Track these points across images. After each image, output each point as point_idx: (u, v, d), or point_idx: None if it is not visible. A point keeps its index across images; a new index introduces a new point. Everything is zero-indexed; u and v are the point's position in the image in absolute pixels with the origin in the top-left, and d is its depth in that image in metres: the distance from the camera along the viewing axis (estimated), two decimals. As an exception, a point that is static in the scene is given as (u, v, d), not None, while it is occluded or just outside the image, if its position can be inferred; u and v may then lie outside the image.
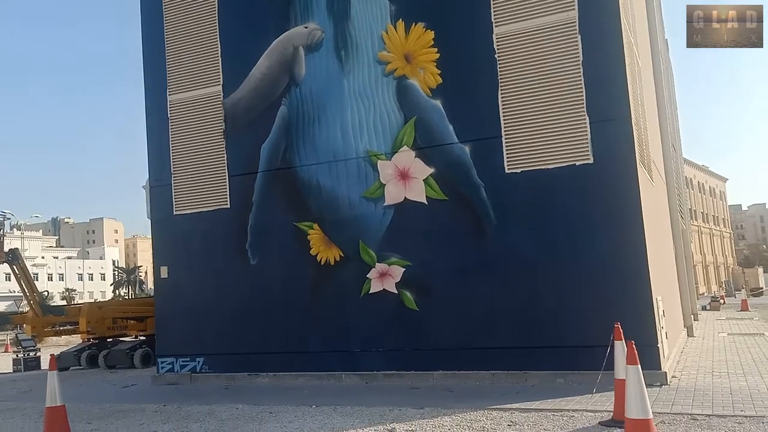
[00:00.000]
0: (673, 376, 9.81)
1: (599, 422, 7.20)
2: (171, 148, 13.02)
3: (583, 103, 9.96)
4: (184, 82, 12.98)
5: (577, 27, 10.06)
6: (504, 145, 10.41)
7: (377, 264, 11.13)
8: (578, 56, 10.01)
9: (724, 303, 31.06)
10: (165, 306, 12.99)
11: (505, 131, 10.42)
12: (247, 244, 12.17)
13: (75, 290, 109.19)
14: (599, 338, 9.55)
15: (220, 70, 12.66)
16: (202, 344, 12.46)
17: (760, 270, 67.54)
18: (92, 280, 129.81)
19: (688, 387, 9.10)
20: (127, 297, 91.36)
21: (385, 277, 11.07)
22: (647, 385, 9.02)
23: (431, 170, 10.86)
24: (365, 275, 11.20)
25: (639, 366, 6.02)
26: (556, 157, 10.10)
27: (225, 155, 12.52)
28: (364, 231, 11.27)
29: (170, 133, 13.04)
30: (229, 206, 12.42)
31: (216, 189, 12.57)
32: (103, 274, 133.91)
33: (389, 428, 7.57)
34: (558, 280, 10.00)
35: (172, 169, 12.98)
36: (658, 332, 9.51)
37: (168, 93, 13.08)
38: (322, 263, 11.56)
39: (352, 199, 11.41)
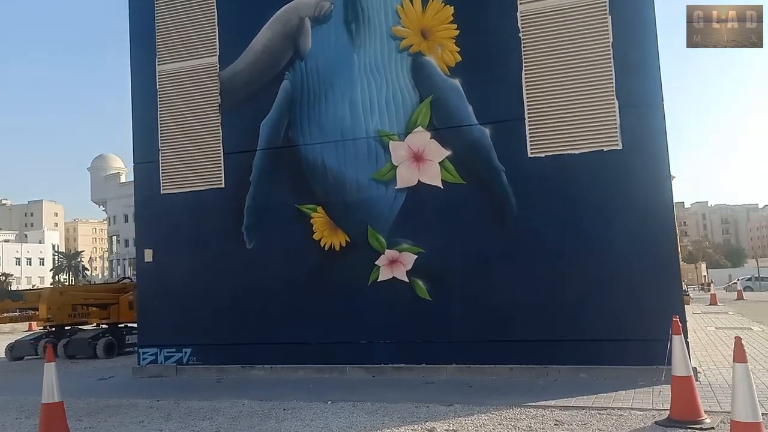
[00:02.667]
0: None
1: (655, 422, 6.75)
2: (159, 123, 12.06)
3: (612, 87, 9.52)
4: (176, 51, 12.04)
5: (607, 7, 9.60)
6: (527, 128, 9.90)
7: (387, 250, 10.50)
8: (608, 37, 9.57)
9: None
10: (149, 292, 12.06)
11: (528, 113, 9.91)
12: (243, 226, 11.37)
13: (12, 275, 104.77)
14: (625, 331, 9.27)
15: (217, 39, 11.77)
16: (189, 334, 11.61)
17: (704, 266, 69.73)
18: (30, 264, 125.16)
19: (720, 383, 8.76)
20: (87, 283, 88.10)
21: (396, 264, 10.45)
22: (677, 382, 8.84)
23: (448, 152, 10.27)
24: (373, 262, 10.57)
25: (748, 364, 5.52)
26: (582, 142, 9.65)
27: (220, 132, 11.66)
28: (372, 215, 10.62)
29: (158, 107, 12.09)
30: (223, 186, 11.58)
31: (209, 167, 11.70)
32: (42, 259, 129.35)
33: (428, 428, 6.98)
34: (582, 271, 9.56)
35: (159, 145, 12.04)
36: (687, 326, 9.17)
37: (157, 63, 12.11)
38: (327, 249, 10.86)
39: (361, 181, 10.73)
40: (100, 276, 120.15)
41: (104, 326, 18.59)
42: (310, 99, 11.11)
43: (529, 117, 9.90)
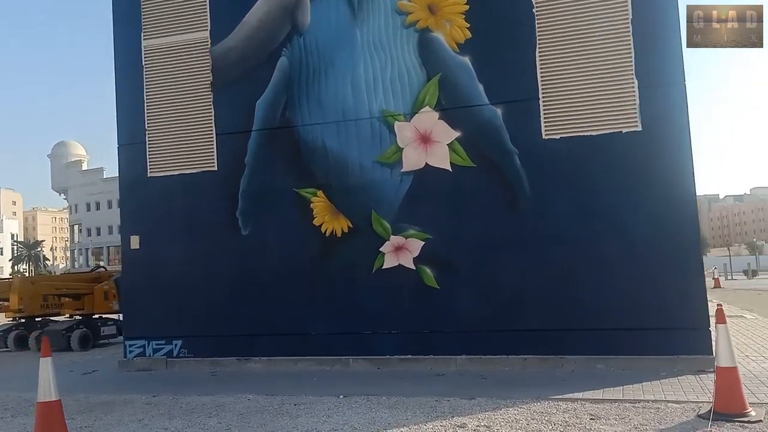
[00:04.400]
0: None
1: (698, 415, 6.41)
2: (146, 102, 11.35)
3: (631, 66, 9.15)
4: (163, 25, 11.32)
5: (626, -18, 9.21)
6: (541, 108, 9.48)
7: (392, 236, 10.01)
8: (627, 14, 9.18)
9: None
10: (135, 281, 11.38)
11: (542, 93, 9.48)
12: (238, 211, 10.76)
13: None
14: (644, 320, 8.95)
15: (208, 13, 11.09)
16: (180, 325, 10.98)
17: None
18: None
19: (744, 373, 8.47)
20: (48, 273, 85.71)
21: (401, 251, 9.97)
22: (698, 372, 8.56)
23: (457, 134, 9.80)
24: (378, 249, 10.07)
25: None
26: (599, 123, 9.27)
27: (212, 111, 11.00)
28: (377, 199, 10.11)
29: (145, 85, 11.36)
30: (216, 168, 10.94)
31: (201, 149, 11.04)
32: (1, 249, 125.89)
33: (458, 424, 6.53)
34: (598, 257, 9.21)
35: (146, 126, 11.32)
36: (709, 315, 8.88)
37: (143, 37, 11.38)
38: (327, 235, 10.32)
39: (364, 163, 10.20)
40: (61, 266, 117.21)
41: (78, 317, 17.78)
42: (309, 77, 10.52)
43: (543, 97, 9.48)
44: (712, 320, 7.52)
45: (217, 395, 8.50)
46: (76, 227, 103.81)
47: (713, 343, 6.57)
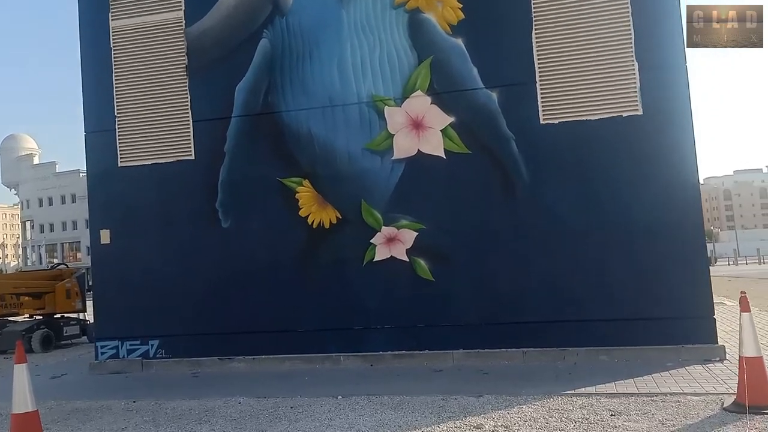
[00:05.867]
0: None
1: (723, 408, 6.13)
2: (115, 87, 10.63)
3: (631, 47, 8.85)
4: (133, 3, 10.61)
5: (625, -40, 8.89)
6: (539, 92, 9.13)
7: (383, 227, 9.55)
8: (627, -7, 8.87)
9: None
10: (106, 278, 10.69)
11: (539, 76, 9.13)
12: (218, 202, 10.16)
13: None
14: (647, 310, 8.70)
15: (182, -9, 10.43)
16: (156, 324, 10.34)
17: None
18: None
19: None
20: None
21: (394, 242, 9.52)
22: (705, 361, 8.34)
23: (451, 119, 9.38)
24: (369, 240, 9.60)
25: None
26: (599, 107, 8.96)
27: (188, 96, 10.35)
28: (367, 189, 9.63)
29: (113, 68, 10.64)
30: (193, 157, 10.31)
31: (176, 136, 10.40)
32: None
33: (474, 424, 6.13)
34: (600, 246, 8.91)
35: (116, 112, 10.61)
36: (714, 303, 8.66)
37: (110, 17, 10.64)
38: (315, 226, 9.81)
39: (353, 151, 9.71)
40: (12, 264, 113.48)
41: (38, 317, 16.88)
42: (292, 60, 9.96)
43: (540, 80, 9.12)
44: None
45: (203, 399, 7.95)
46: (28, 223, 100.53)
47: (740, 332, 6.27)
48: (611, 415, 6.17)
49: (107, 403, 8.14)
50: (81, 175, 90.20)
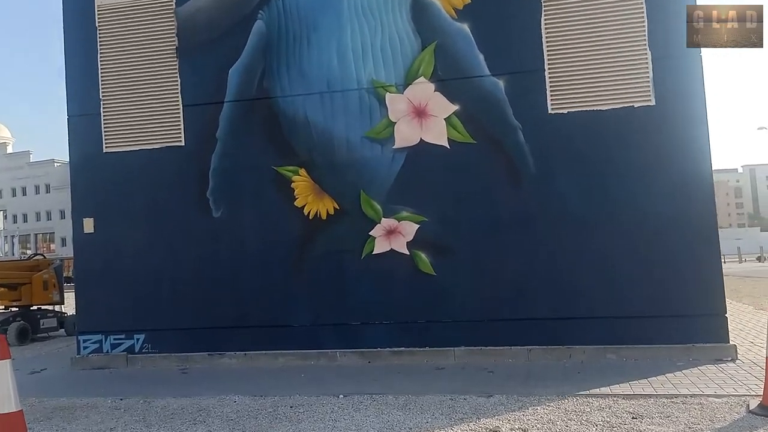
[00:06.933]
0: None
1: (749, 411, 5.85)
2: (100, 68, 10.10)
3: (644, 35, 8.55)
4: (121, -19, 10.08)
5: (638, -55, 8.58)
6: (547, 80, 8.79)
7: (383, 219, 9.17)
8: (640, -20, 8.56)
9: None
10: (90, 269, 10.17)
11: (548, 64, 8.79)
12: (209, 191, 9.69)
13: None
14: (657, 307, 8.44)
15: (173, -32, 9.93)
16: (142, 317, 9.87)
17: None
18: None
19: (756, 361, 8.02)
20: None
21: (394, 234, 9.14)
22: (716, 361, 8.08)
23: (455, 107, 9.01)
24: (367, 233, 9.21)
25: None
26: (610, 96, 8.64)
27: (178, 80, 9.86)
28: (366, 179, 9.24)
29: (99, 49, 10.12)
30: (183, 143, 9.83)
31: (165, 121, 9.90)
32: None
33: (490, 427, 5.78)
34: (608, 241, 8.61)
35: (101, 95, 10.08)
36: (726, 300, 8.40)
37: (96, -5, 10.12)
38: (311, 217, 9.39)
39: (352, 139, 9.30)
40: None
41: (14, 309, 16.27)
42: (289, 43, 9.52)
43: (549, 68, 8.78)
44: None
45: (195, 397, 7.51)
46: (1, 213, 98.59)
47: (767, 332, 6.00)
48: (633, 418, 5.86)
49: (92, 400, 7.67)
50: (56, 164, 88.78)
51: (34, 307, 16.04)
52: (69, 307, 17.30)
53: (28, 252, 74.71)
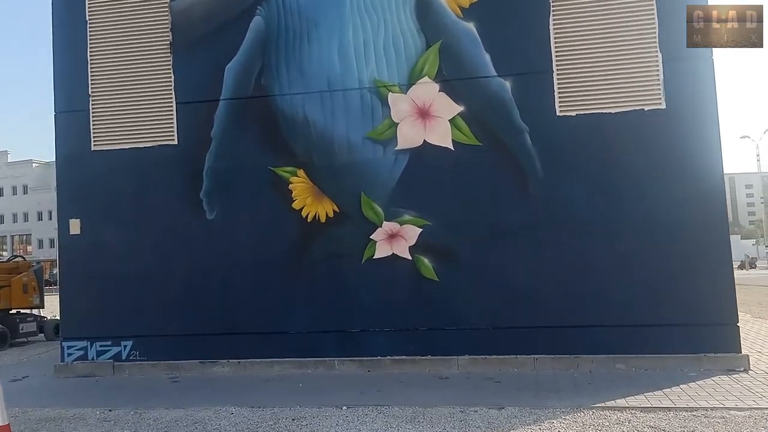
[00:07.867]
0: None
1: (776, 425, 5.62)
2: (90, 63, 9.71)
3: (655, 38, 8.35)
4: (113, -27, 9.70)
5: (649, -54, 8.38)
6: (555, 82, 8.56)
7: (385, 222, 8.86)
8: (651, -20, 8.36)
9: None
10: (76, 272, 9.74)
11: (557, 66, 8.56)
12: (202, 192, 9.33)
13: None
14: (667, 316, 8.20)
15: (168, -39, 9.57)
16: (130, 323, 9.46)
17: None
18: None
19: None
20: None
21: (396, 238, 8.84)
22: (728, 372, 7.86)
23: (460, 108, 8.75)
24: (368, 236, 8.91)
25: None
26: (620, 99, 8.43)
27: (172, 76, 9.50)
28: (367, 181, 8.94)
29: (88, 43, 9.73)
30: (176, 142, 9.46)
31: (158, 119, 9.53)
32: None
33: (508, 442, 5.49)
34: (617, 247, 8.37)
35: (90, 91, 9.69)
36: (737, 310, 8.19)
37: (87, -13, 9.73)
38: (309, 220, 9.06)
39: (353, 139, 8.99)
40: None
41: (-8, 313, 15.71)
42: (288, 40, 9.20)
43: (557, 69, 8.55)
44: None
45: (188, 408, 7.15)
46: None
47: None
48: (654, 432, 5.61)
49: (79, 411, 7.27)
50: (34, 165, 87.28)
51: (13, 311, 15.53)
52: (49, 311, 16.80)
53: (4, 254, 73.33)
